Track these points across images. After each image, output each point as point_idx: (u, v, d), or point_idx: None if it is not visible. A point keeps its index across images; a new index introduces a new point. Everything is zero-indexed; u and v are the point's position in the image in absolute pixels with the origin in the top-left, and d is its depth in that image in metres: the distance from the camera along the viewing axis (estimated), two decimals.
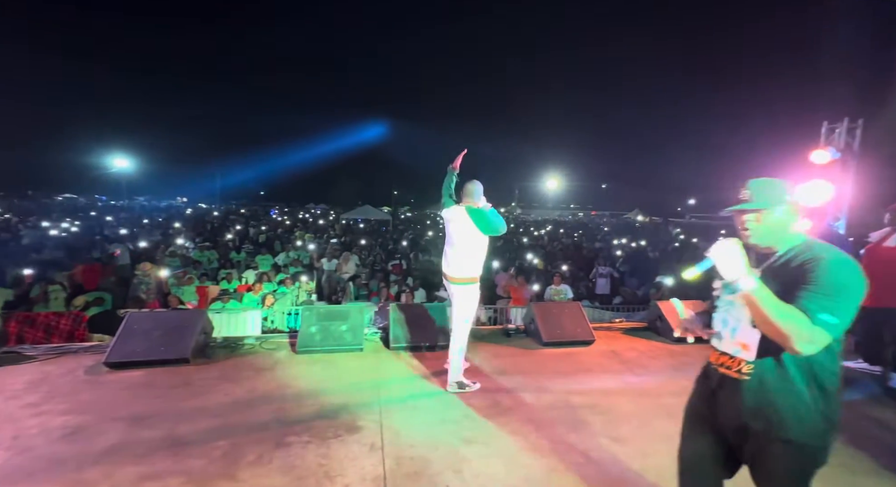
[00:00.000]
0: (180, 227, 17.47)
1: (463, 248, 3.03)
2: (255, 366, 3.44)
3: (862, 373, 3.67)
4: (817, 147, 4.71)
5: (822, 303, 1.13)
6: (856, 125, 4.64)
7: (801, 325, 1.11)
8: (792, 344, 1.12)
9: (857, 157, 4.66)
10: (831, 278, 1.15)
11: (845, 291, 1.15)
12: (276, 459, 2.23)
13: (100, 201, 44.79)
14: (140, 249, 10.91)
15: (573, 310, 4.43)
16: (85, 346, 3.73)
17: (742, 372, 1.31)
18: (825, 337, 1.13)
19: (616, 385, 3.29)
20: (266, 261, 10.11)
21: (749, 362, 1.30)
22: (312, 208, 44.59)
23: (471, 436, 2.49)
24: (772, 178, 1.33)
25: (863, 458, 2.39)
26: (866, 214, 4.42)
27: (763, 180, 1.32)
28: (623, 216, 45.32)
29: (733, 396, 1.34)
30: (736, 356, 1.34)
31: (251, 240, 14.72)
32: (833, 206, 4.74)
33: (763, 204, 1.29)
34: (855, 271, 1.18)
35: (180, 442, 2.35)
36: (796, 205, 1.30)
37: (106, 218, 22.24)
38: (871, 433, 2.69)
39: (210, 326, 3.97)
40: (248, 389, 3.03)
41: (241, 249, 12.15)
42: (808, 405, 1.22)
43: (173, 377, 3.17)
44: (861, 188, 4.75)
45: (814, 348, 1.12)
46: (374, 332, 4.28)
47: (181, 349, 3.42)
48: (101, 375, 3.19)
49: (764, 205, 1.29)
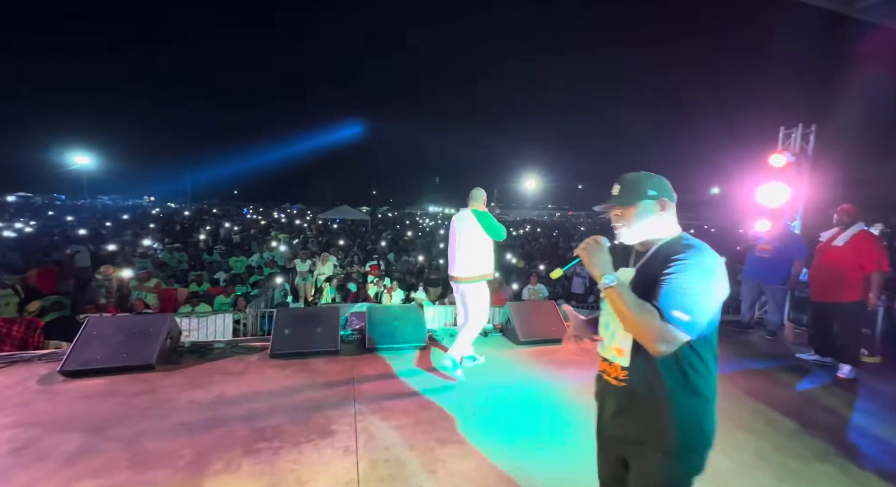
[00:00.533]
0: (148, 227, 16.73)
1: (470, 248, 3.25)
2: (224, 371, 3.33)
3: (813, 364, 3.90)
4: (775, 151, 4.97)
5: (674, 300, 1.08)
6: (809, 131, 4.93)
7: (654, 322, 1.08)
8: (648, 343, 1.09)
9: (811, 160, 4.94)
10: (687, 276, 1.10)
11: (699, 288, 1.10)
12: (244, 466, 2.17)
13: (58, 201, 42.32)
14: (101, 250, 10.39)
15: (548, 308, 4.50)
16: (38, 354, 3.52)
17: (619, 379, 1.26)
18: (679, 335, 1.08)
19: (590, 381, 3.36)
20: (240, 263, 9.82)
21: (623, 367, 1.24)
22: (288, 207, 43.62)
23: (446, 437, 2.49)
24: (643, 173, 1.28)
25: (814, 444, 2.53)
26: (820, 214, 4.69)
27: (632, 176, 1.28)
28: (599, 217, 46.29)
29: (611, 404, 1.30)
30: (613, 362, 1.28)
31: (224, 240, 14.27)
32: (790, 207, 5.02)
33: (627, 200, 1.25)
34: (712, 269, 1.12)
35: (142, 452, 2.25)
36: (662, 200, 1.24)
37: (66, 218, 21.05)
38: (821, 420, 2.86)
39: (177, 330, 3.82)
40: (217, 395, 2.93)
41: (213, 250, 11.75)
42: (680, 414, 1.16)
43: (136, 385, 3.03)
44: (815, 190, 5.04)
45: (669, 347, 1.08)
46: (351, 334, 4.22)
47: (145, 354, 3.27)
48: (56, 384, 3.01)
49: (629, 201, 1.25)
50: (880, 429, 2.76)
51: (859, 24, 4.76)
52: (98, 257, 9.29)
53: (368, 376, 3.33)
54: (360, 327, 4.29)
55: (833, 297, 3.67)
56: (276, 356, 3.60)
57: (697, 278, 1.10)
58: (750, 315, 4.99)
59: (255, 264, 9.78)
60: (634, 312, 1.10)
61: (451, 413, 2.77)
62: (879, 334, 4.29)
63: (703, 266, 1.12)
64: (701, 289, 1.10)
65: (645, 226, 1.25)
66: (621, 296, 1.13)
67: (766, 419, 2.82)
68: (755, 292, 4.86)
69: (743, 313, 4.99)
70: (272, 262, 10.06)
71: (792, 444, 2.54)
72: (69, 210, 27.50)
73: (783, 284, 4.55)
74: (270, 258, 10.37)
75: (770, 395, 3.20)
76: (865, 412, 3.00)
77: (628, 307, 1.11)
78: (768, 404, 3.05)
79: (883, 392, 3.35)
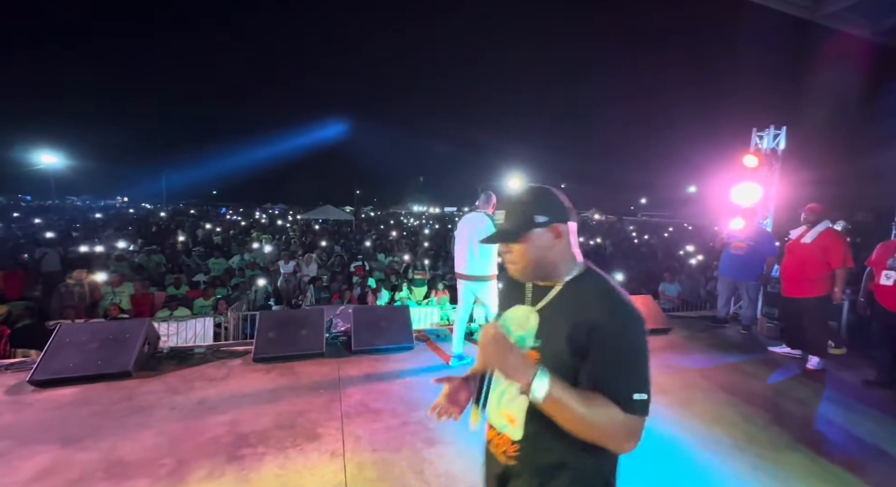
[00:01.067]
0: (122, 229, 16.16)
1: (485, 250, 3.44)
2: (206, 376, 3.25)
3: (784, 356, 4.07)
4: (748, 152, 5.15)
5: (629, 381, 0.86)
6: (780, 132, 5.13)
7: (616, 419, 0.84)
8: (615, 445, 0.87)
9: (782, 161, 5.15)
10: (629, 341, 0.88)
11: (644, 348, 0.89)
12: (228, 473, 2.13)
13: (23, 202, 40.43)
14: (71, 253, 9.99)
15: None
16: (6, 363, 3.36)
17: (508, 455, 0.99)
18: (644, 421, 0.86)
19: None
20: (219, 264, 9.58)
21: (514, 440, 0.98)
22: (270, 208, 42.81)
23: (433, 437, 2.50)
24: (530, 190, 1.02)
25: (785, 434, 2.65)
26: (790, 213, 4.89)
27: (515, 198, 1.01)
28: (581, 215, 47.28)
29: (498, 484, 1.05)
30: (503, 433, 1.01)
31: (203, 242, 13.91)
32: (762, 206, 5.22)
33: (513, 234, 0.98)
34: (641, 322, 0.90)
35: (121, 463, 2.18)
36: (555, 227, 0.97)
37: (33, 220, 20.13)
38: (791, 411, 2.99)
39: (155, 335, 3.71)
40: (199, 401, 2.86)
41: (191, 252, 11.44)
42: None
43: (113, 393, 2.93)
44: (786, 189, 5.26)
45: (637, 441, 0.86)
46: (336, 335, 4.19)
47: (122, 361, 3.17)
48: (26, 395, 2.89)
49: (514, 235, 0.97)
50: (847, 418, 2.91)
51: (824, 29, 4.99)
52: (68, 260, 8.93)
53: (355, 378, 3.31)
54: (346, 328, 4.26)
55: (801, 292, 3.84)
56: (259, 360, 3.54)
57: (637, 337, 0.88)
58: (726, 311, 5.17)
59: (235, 266, 9.56)
60: (586, 415, 0.84)
61: None
62: (844, 326, 4.51)
63: (635, 317, 0.90)
64: (645, 348, 0.89)
65: (540, 261, 0.98)
66: (562, 401, 0.84)
67: (740, 411, 2.93)
68: (731, 289, 5.04)
69: (719, 308, 5.17)
70: (253, 263, 9.86)
71: (765, 435, 2.65)
72: (36, 211, 26.28)
73: (756, 280, 4.73)
74: (252, 260, 10.16)
75: (744, 387, 3.33)
76: (833, 401, 3.16)
77: (576, 411, 0.84)
78: (742, 396, 3.17)
79: (849, 382, 3.53)
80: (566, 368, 0.90)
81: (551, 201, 1.00)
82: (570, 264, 1.00)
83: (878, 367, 3.50)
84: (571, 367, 0.90)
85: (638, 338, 0.88)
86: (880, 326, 3.49)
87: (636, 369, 0.88)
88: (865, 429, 2.76)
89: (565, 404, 0.85)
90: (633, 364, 0.88)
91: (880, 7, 4.53)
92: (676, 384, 3.34)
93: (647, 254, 13.92)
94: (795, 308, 3.97)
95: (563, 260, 0.99)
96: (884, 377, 3.42)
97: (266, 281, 8.13)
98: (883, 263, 3.42)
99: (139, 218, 24.81)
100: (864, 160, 13.14)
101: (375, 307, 5.97)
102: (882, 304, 3.40)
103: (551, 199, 1.00)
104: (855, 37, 5.03)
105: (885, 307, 3.38)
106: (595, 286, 0.97)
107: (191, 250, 11.65)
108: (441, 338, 4.28)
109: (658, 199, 58.43)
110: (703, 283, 8.40)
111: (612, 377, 0.86)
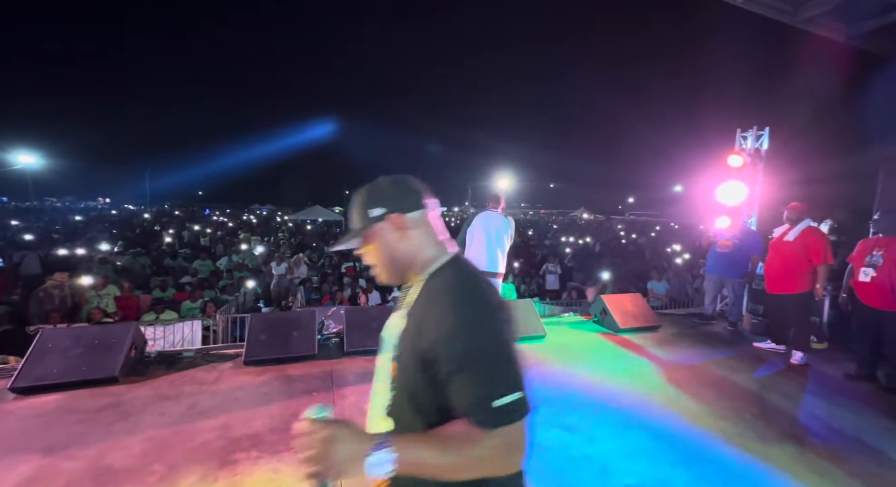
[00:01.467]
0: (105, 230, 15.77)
1: (502, 248, 3.65)
2: (195, 381, 3.20)
3: (769, 352, 4.18)
4: (733, 152, 5.27)
5: (480, 390, 0.71)
6: (763, 132, 5.26)
7: (482, 446, 0.70)
8: (496, 472, 0.72)
9: (766, 160, 5.28)
10: (467, 344, 0.72)
11: (491, 349, 0.73)
12: (220, 478, 2.09)
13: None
14: (52, 256, 9.72)
15: (525, 306, 4.59)
16: None
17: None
18: (518, 425, 0.71)
19: (566, 377, 3.46)
20: (205, 266, 9.42)
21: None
22: (258, 209, 42.23)
23: None
24: (368, 186, 0.91)
25: (771, 427, 2.72)
26: (774, 212, 5.02)
27: (357, 195, 0.91)
28: (570, 214, 47.75)
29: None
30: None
31: (189, 243, 13.66)
32: (746, 205, 5.34)
33: (357, 234, 0.89)
34: (481, 315, 0.76)
35: (109, 470, 2.13)
36: (394, 217, 0.86)
37: (10, 222, 19.52)
38: (777, 404, 3.07)
39: (143, 339, 3.63)
40: (188, 406, 2.81)
41: (177, 253, 11.22)
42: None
43: (99, 399, 2.86)
44: (770, 189, 5.39)
45: (521, 451, 0.72)
46: (328, 337, 4.15)
47: (108, 366, 3.09)
48: (7, 402, 2.80)
49: (357, 236, 0.90)
50: (830, 411, 2.99)
51: (804, 33, 5.13)
52: (48, 263, 8.68)
53: (348, 379, 3.29)
54: (338, 330, 4.23)
55: (785, 289, 3.94)
56: (250, 362, 3.49)
57: (475, 335, 0.73)
58: (713, 308, 5.28)
59: (223, 268, 9.41)
60: (445, 461, 0.70)
61: None
62: (826, 322, 4.64)
63: (471, 314, 0.75)
64: (493, 344, 0.74)
65: (391, 260, 0.89)
66: (414, 461, 0.70)
67: (728, 405, 3.00)
68: (717, 286, 5.14)
69: (706, 305, 5.27)
70: (242, 265, 9.72)
71: (753, 428, 2.71)
72: (13, 213, 25.48)
73: (742, 277, 4.84)
74: (240, 261, 10.02)
75: (731, 382, 3.41)
76: (817, 394, 3.25)
77: (434, 463, 0.70)
78: (730, 390, 3.24)
79: (831, 376, 3.63)
80: (416, 383, 0.78)
81: (385, 190, 0.89)
82: (430, 256, 0.87)
83: (858, 361, 3.61)
84: (423, 382, 0.77)
85: (478, 337, 0.73)
86: (860, 321, 3.60)
87: (487, 372, 0.72)
88: (848, 421, 2.85)
89: (420, 461, 0.70)
90: (480, 368, 0.72)
91: (856, 12, 4.68)
92: (666, 379, 3.40)
93: (635, 253, 14.12)
94: (779, 305, 4.07)
95: (419, 254, 0.88)
96: (864, 370, 3.53)
97: (255, 283, 8.03)
98: (861, 260, 3.53)
99: (122, 219, 24.24)
100: (843, 161, 13.55)
101: (368, 307, 5.94)
102: (861, 300, 3.51)
103: (385, 188, 0.89)
104: (833, 41, 5.19)
105: (864, 302, 3.48)
106: (442, 282, 0.82)
107: (177, 252, 11.43)
108: None
109: (645, 198, 59.41)
110: (690, 280, 8.56)
111: (462, 392, 0.72)
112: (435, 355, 0.74)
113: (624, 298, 5.01)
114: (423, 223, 0.89)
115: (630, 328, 4.58)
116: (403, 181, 0.91)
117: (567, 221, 37.74)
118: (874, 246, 3.50)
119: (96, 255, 9.85)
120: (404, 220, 0.87)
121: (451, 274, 0.84)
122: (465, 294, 0.79)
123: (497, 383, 0.72)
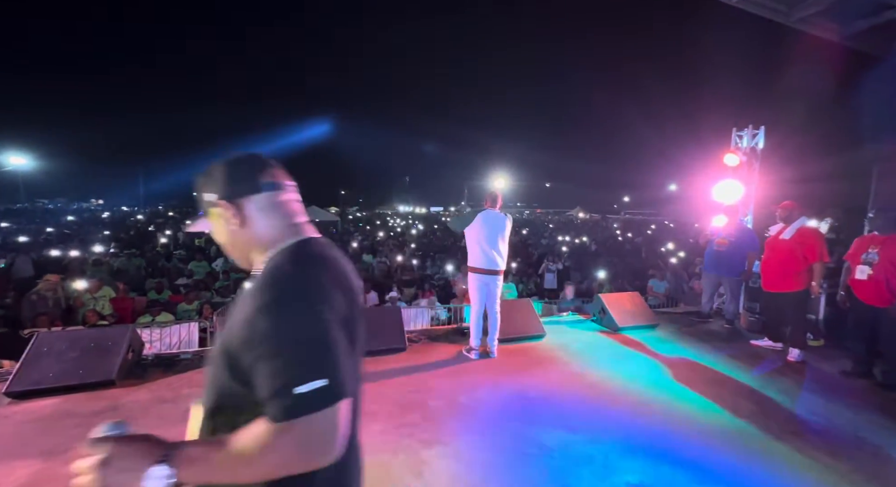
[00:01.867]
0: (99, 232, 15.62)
1: (504, 246, 3.76)
2: (193, 384, 3.17)
3: (766, 349, 4.21)
4: (729, 150, 5.30)
5: (281, 376, 0.65)
6: (758, 131, 5.30)
7: (268, 441, 0.64)
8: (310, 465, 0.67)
9: (761, 159, 5.32)
10: (264, 327, 0.68)
11: (294, 333, 0.68)
12: None
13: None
14: (44, 258, 9.61)
15: (524, 306, 4.60)
16: None
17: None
18: (331, 414, 0.65)
19: (566, 377, 3.47)
20: (202, 267, 9.34)
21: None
22: None
23: (431, 438, 2.49)
24: (206, 170, 0.87)
25: (770, 424, 2.74)
26: (769, 210, 5.06)
27: (200, 177, 0.87)
28: (566, 213, 47.91)
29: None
30: None
31: (185, 245, 13.54)
32: (742, 203, 5.37)
33: (203, 218, 0.89)
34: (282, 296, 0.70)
35: None
36: (229, 203, 0.82)
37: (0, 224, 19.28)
38: (775, 401, 3.09)
39: (139, 342, 3.60)
40: (187, 409, 2.78)
41: (172, 255, 11.13)
42: None
43: (96, 403, 2.83)
44: (765, 187, 5.43)
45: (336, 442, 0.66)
46: None
47: (105, 370, 3.06)
48: (2, 407, 2.76)
49: (203, 219, 0.89)
50: (827, 407, 3.02)
51: (798, 33, 5.17)
52: (41, 265, 8.57)
53: None
54: None
55: (781, 287, 3.97)
56: None
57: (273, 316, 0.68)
58: (710, 306, 5.31)
59: (219, 270, 9.34)
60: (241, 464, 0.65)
61: (434, 415, 2.77)
62: (822, 319, 4.68)
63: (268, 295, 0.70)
64: (297, 327, 0.68)
65: (233, 244, 0.87)
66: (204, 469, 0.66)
67: (726, 402, 3.01)
68: (714, 284, 5.17)
69: (703, 304, 5.30)
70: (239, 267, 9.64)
71: (751, 425, 2.73)
72: (3, 215, 25.17)
73: (738, 276, 4.87)
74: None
75: (729, 380, 3.43)
76: (814, 391, 3.28)
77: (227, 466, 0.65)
78: (728, 388, 3.26)
79: (827, 373, 3.67)
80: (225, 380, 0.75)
81: (215, 175, 0.85)
82: (273, 240, 0.83)
83: (854, 358, 3.65)
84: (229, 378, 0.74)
85: (280, 321, 0.68)
86: (856, 318, 3.64)
87: (289, 357, 0.66)
88: (844, 418, 2.87)
89: (211, 470, 0.65)
90: (281, 353, 0.67)
91: (849, 12, 4.72)
92: (665, 377, 3.42)
93: (631, 251, 14.19)
94: (776, 302, 4.10)
95: (261, 238, 0.84)
96: (860, 367, 3.57)
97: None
98: (858, 258, 3.56)
99: (116, 221, 24.02)
100: (838, 159, 13.69)
101: (366, 308, 5.92)
102: (858, 297, 3.55)
103: (216, 173, 0.85)
104: (826, 40, 5.23)
105: (860, 299, 3.52)
106: (267, 267, 0.79)
107: (172, 254, 11.34)
108: (434, 339, 4.27)
109: (641, 197, 59.70)
110: (686, 279, 8.61)
111: (261, 382, 0.67)
112: (236, 347, 0.71)
113: (622, 296, 5.03)
114: (266, 207, 0.84)
115: (628, 326, 4.60)
116: (238, 164, 0.85)
117: (563, 220, 37.86)
118: (870, 244, 3.54)
119: (90, 256, 9.75)
120: (237, 205, 0.83)
121: (280, 257, 0.79)
122: (278, 277, 0.74)
123: (301, 368, 0.66)
